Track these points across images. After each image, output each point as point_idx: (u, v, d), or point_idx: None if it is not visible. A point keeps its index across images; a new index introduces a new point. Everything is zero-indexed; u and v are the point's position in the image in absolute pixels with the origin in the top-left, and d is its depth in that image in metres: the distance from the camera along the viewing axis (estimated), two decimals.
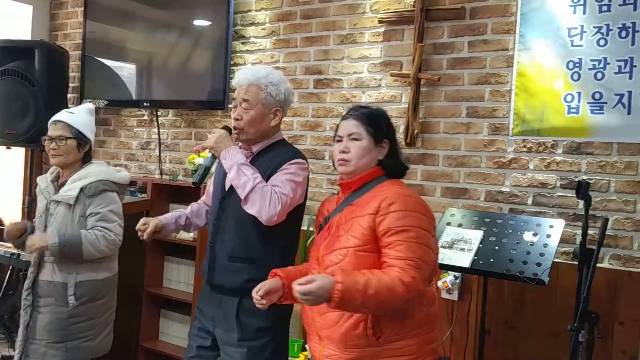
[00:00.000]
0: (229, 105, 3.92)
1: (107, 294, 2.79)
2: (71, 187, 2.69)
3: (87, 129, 2.79)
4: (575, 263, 2.51)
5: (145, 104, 4.25)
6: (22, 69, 4.09)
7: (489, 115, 3.08)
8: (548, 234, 2.63)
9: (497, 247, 2.66)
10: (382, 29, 3.41)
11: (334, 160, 2.03)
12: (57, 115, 2.79)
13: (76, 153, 2.76)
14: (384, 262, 1.80)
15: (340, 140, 2.00)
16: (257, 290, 1.93)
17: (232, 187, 2.18)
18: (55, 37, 4.95)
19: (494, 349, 2.96)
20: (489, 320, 2.80)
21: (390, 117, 3.24)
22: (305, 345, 3.08)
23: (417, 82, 3.19)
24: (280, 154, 2.25)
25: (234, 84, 2.29)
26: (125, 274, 3.68)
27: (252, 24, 3.91)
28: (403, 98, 3.31)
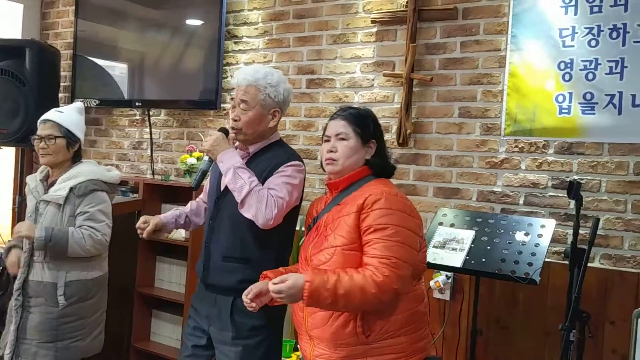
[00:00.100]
0: (222, 105, 3.92)
1: (97, 294, 2.77)
2: (61, 187, 2.68)
3: (77, 128, 2.78)
4: (566, 263, 2.52)
5: (137, 104, 4.23)
6: (13, 68, 4.06)
7: (481, 115, 3.09)
8: (539, 233, 2.65)
9: (489, 247, 2.67)
10: (374, 29, 3.41)
11: (321, 160, 2.04)
12: (47, 114, 2.77)
13: (65, 152, 2.75)
14: (363, 260, 1.81)
15: (328, 140, 2.01)
16: (247, 294, 1.94)
17: (227, 187, 2.18)
18: (46, 36, 4.92)
19: (485, 348, 2.97)
20: (481, 319, 2.81)
21: (383, 117, 3.32)
22: (297, 345, 3.07)
23: (409, 82, 3.20)
24: (277, 155, 2.24)
25: (232, 84, 2.28)
26: (117, 274, 3.67)
27: (244, 23, 3.90)
28: (395, 98, 3.32)
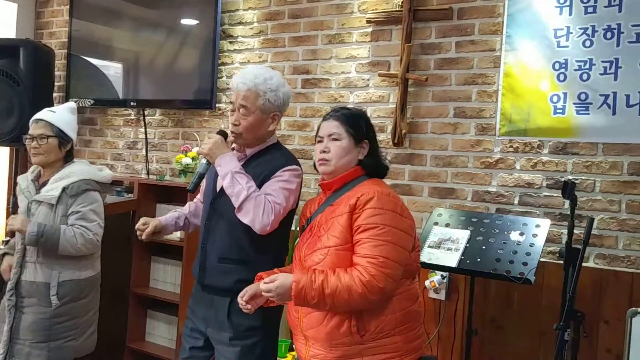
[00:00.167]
0: (217, 104, 3.91)
1: (90, 294, 2.77)
2: (53, 187, 2.67)
3: (69, 127, 2.77)
4: (561, 262, 2.53)
5: (132, 104, 4.22)
6: (7, 67, 4.05)
7: (476, 115, 3.10)
8: (534, 233, 2.65)
9: (484, 247, 2.68)
10: (370, 29, 3.41)
11: (314, 161, 2.05)
12: (39, 113, 2.77)
13: (57, 152, 2.74)
14: (353, 260, 1.82)
15: (321, 141, 2.02)
16: (242, 296, 1.96)
17: (223, 188, 2.18)
18: (40, 35, 4.90)
19: (480, 348, 2.97)
20: (476, 319, 2.82)
21: (378, 117, 3.32)
22: (293, 345, 3.07)
23: (404, 82, 3.20)
24: (274, 159, 2.24)
25: (231, 87, 2.26)
26: (112, 274, 3.66)
27: (240, 23, 3.90)
28: (391, 98, 3.32)
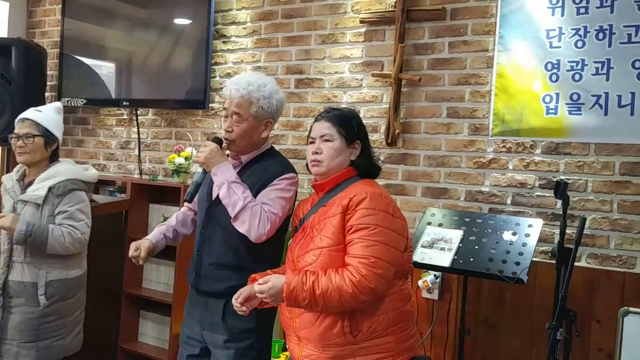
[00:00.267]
0: (210, 104, 3.90)
1: (77, 293, 2.77)
2: (39, 187, 2.66)
3: (55, 127, 2.77)
4: (553, 262, 2.54)
5: (124, 103, 4.20)
6: None
7: (469, 115, 3.11)
8: (527, 233, 2.66)
9: (476, 247, 2.68)
10: (363, 29, 3.42)
11: (307, 162, 2.05)
12: (25, 113, 2.77)
13: (43, 151, 2.73)
14: (345, 260, 1.83)
15: (313, 142, 2.02)
16: (237, 298, 1.96)
17: (219, 196, 2.17)
18: (32, 34, 4.87)
19: (473, 347, 2.98)
20: (469, 319, 2.82)
21: (371, 117, 3.33)
22: (286, 345, 3.07)
23: (398, 82, 3.21)
24: (270, 166, 2.24)
25: (224, 94, 2.25)
26: (105, 274, 3.66)
27: (233, 23, 3.89)
28: (384, 98, 3.32)
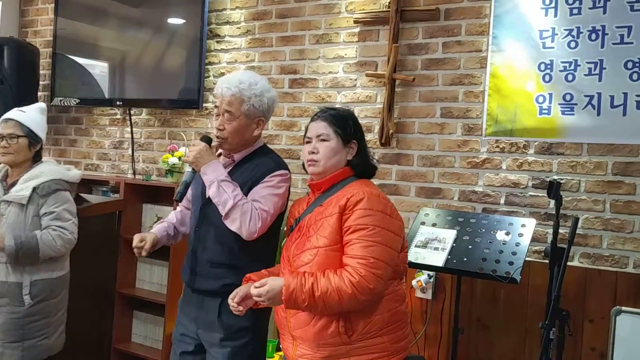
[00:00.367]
0: (204, 104, 3.90)
1: (61, 293, 2.79)
2: (23, 187, 2.67)
3: (39, 128, 2.78)
4: (546, 262, 2.55)
5: (118, 103, 4.19)
6: None
7: (462, 115, 3.12)
8: (520, 233, 2.67)
9: (470, 247, 2.69)
10: (357, 29, 3.42)
11: (303, 161, 2.05)
12: (9, 113, 2.78)
13: (27, 152, 2.74)
14: (343, 261, 1.82)
15: (309, 142, 2.01)
16: (233, 297, 1.95)
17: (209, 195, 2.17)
18: (25, 33, 4.85)
19: (467, 346, 2.99)
20: (463, 318, 2.83)
21: (365, 117, 3.33)
22: (280, 345, 3.07)
23: (392, 82, 3.21)
24: (262, 163, 2.23)
25: (215, 93, 2.25)
26: (98, 275, 3.65)
27: (227, 22, 3.88)
28: (378, 98, 3.33)
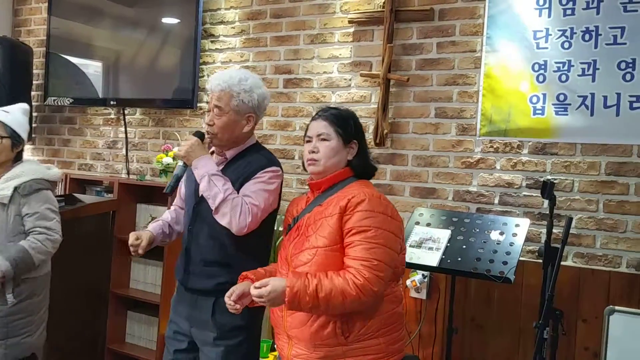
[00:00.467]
0: (198, 104, 3.89)
1: (43, 291, 2.80)
2: (4, 187, 2.67)
3: (22, 129, 2.79)
4: (540, 261, 2.56)
5: (112, 103, 4.18)
6: None
7: (457, 115, 3.12)
8: (514, 232, 2.68)
9: (464, 246, 2.70)
10: (352, 29, 3.42)
11: (303, 161, 2.04)
12: None
13: (9, 152, 2.74)
14: (344, 262, 1.82)
15: (310, 141, 2.01)
16: (230, 295, 1.93)
17: (200, 188, 2.17)
18: (18, 33, 4.82)
19: (461, 346, 3.00)
20: (457, 318, 2.84)
21: (360, 117, 3.27)
22: (275, 345, 3.07)
23: (386, 82, 3.22)
24: (254, 160, 2.24)
25: (207, 88, 2.27)
26: (92, 275, 3.64)
27: (221, 22, 3.88)
28: (372, 98, 3.33)
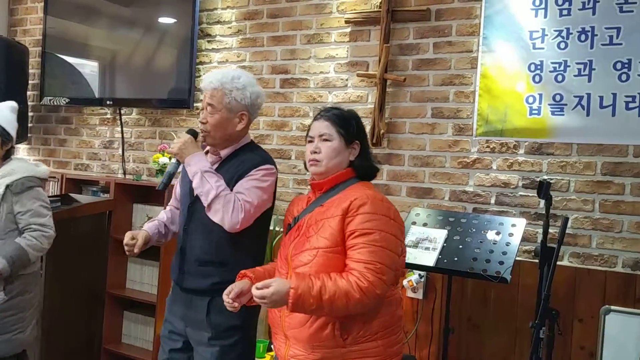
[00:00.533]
0: (195, 104, 3.88)
1: (35, 288, 2.81)
2: None
3: (11, 126, 2.79)
4: (536, 261, 2.57)
5: (108, 102, 4.17)
6: None
7: (453, 116, 3.13)
8: (510, 232, 2.68)
9: (461, 246, 2.70)
10: (348, 30, 3.42)
11: (305, 161, 2.03)
12: None
13: None
14: (347, 264, 1.80)
15: (312, 141, 1.99)
16: (228, 293, 1.91)
17: (192, 185, 2.17)
18: (14, 32, 4.81)
19: (458, 346, 3.00)
20: (453, 317, 2.84)
21: None
22: (271, 345, 3.06)
23: (383, 82, 3.22)
24: (248, 159, 2.24)
25: (200, 87, 2.29)
26: (88, 275, 3.63)
27: (218, 22, 3.88)
28: (369, 98, 3.33)
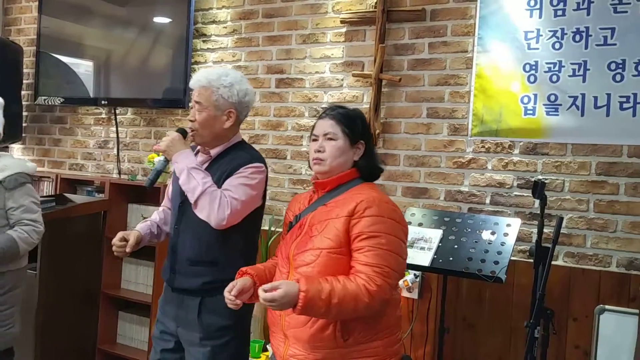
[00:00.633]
0: (190, 104, 3.87)
1: (23, 284, 2.82)
2: None
3: None
4: (531, 261, 2.57)
5: (103, 102, 4.16)
6: None
7: (448, 116, 3.13)
8: (505, 232, 2.69)
9: (456, 246, 2.71)
10: (344, 29, 3.42)
11: (309, 160, 2.01)
12: None
13: None
14: (353, 267, 1.79)
15: (316, 140, 1.97)
16: (230, 290, 1.87)
17: (179, 182, 2.17)
18: (8, 32, 4.79)
19: (453, 345, 3.01)
20: (448, 317, 2.85)
21: None
22: (267, 345, 3.06)
23: (378, 82, 3.22)
24: (237, 157, 2.23)
25: (189, 85, 2.30)
26: (83, 275, 3.63)
27: (213, 22, 3.87)
28: (365, 98, 3.34)
